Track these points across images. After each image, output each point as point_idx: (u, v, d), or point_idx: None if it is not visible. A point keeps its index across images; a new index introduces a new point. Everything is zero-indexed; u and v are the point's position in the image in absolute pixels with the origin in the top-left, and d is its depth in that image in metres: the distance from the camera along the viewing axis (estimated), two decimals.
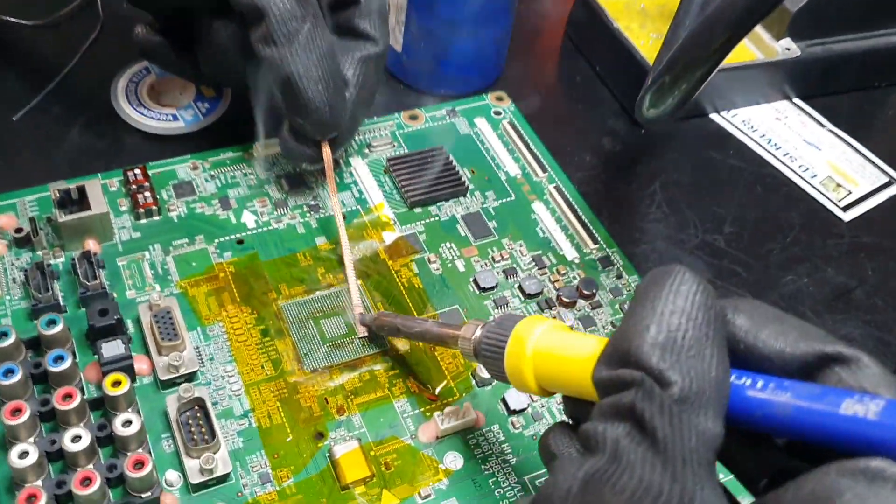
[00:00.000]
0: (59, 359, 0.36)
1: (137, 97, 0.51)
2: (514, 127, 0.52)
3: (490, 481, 0.37)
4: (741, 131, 0.56)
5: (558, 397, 0.40)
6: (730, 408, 0.24)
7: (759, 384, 0.24)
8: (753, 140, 0.55)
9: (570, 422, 0.29)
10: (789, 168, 0.54)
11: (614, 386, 0.24)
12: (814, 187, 0.53)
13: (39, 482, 0.34)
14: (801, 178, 0.54)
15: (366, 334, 0.41)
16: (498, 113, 0.54)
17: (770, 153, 0.55)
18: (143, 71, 0.52)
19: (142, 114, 0.50)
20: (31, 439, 0.35)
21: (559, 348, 0.29)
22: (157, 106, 0.50)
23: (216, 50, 0.43)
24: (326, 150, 0.44)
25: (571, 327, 0.31)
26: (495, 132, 0.52)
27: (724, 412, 0.23)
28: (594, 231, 0.47)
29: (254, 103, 0.44)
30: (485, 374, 0.40)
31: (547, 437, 0.29)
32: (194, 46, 0.45)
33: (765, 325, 0.25)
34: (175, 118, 0.50)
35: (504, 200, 0.49)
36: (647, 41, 0.56)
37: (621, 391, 0.24)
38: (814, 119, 0.58)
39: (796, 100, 0.59)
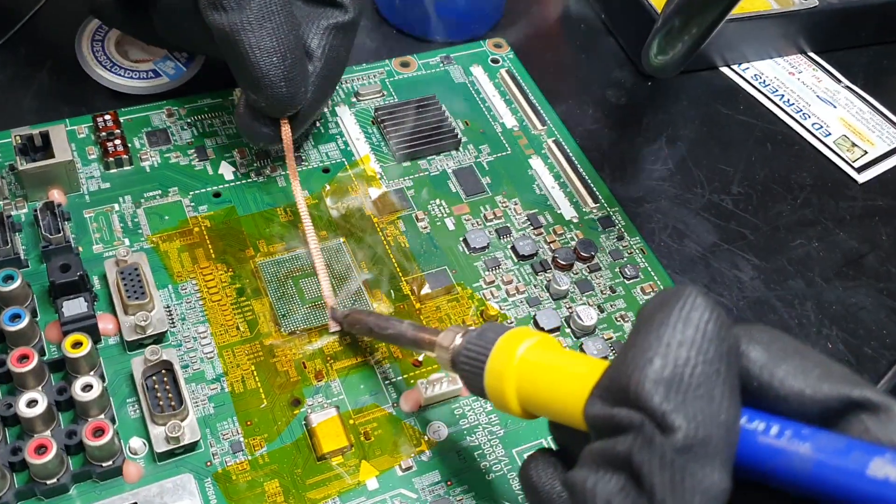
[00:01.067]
0: (16, 317, 0.34)
1: (107, 55, 0.47)
2: (512, 76, 0.49)
3: (476, 453, 0.35)
4: (752, 86, 0.53)
5: None
6: (738, 455, 0.21)
7: (774, 430, 0.21)
8: (765, 95, 0.53)
9: (556, 448, 0.27)
10: (802, 125, 0.51)
11: (609, 427, 0.21)
12: (827, 146, 0.50)
13: None
14: (814, 136, 0.51)
15: (337, 329, 0.38)
16: (495, 61, 0.51)
17: (782, 109, 0.52)
18: (103, 28, 0.48)
19: (119, 74, 0.46)
20: None
21: (547, 370, 0.26)
22: (130, 62, 0.47)
23: (169, 12, 0.39)
24: (286, 130, 0.40)
25: (560, 345, 0.27)
26: (492, 81, 0.49)
27: (733, 461, 0.21)
28: (595, 189, 0.45)
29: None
30: None
31: (528, 468, 0.26)
32: (149, 7, 0.40)
33: (783, 361, 0.22)
34: (156, 74, 0.46)
35: (499, 155, 0.46)
36: None
37: (617, 434, 0.21)
38: (829, 74, 0.55)
39: (811, 53, 0.56)
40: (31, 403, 0.32)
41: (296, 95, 0.38)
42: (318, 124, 0.45)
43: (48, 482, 0.31)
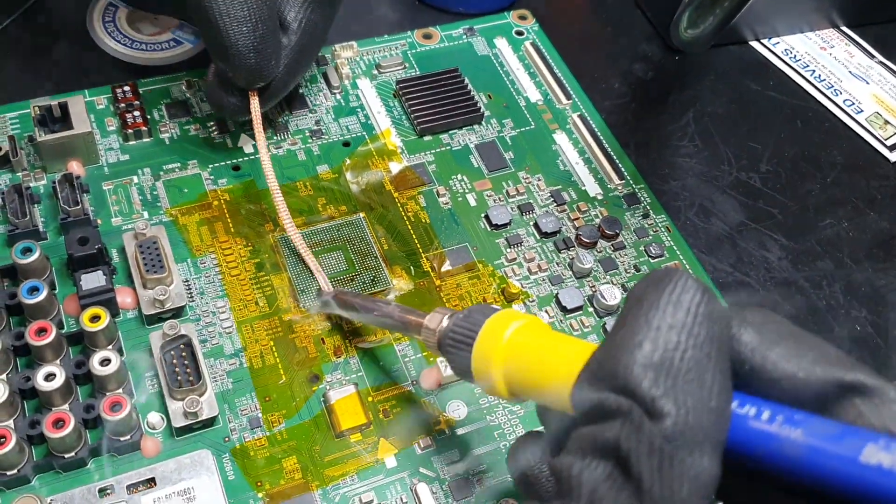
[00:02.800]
0: (34, 290, 0.33)
1: (121, 32, 0.46)
2: (536, 49, 0.48)
3: (495, 433, 0.34)
4: (783, 61, 0.52)
5: None
6: (728, 440, 0.20)
7: (766, 415, 0.20)
8: (795, 70, 0.52)
9: (543, 430, 0.26)
10: (833, 102, 0.50)
11: (597, 412, 0.21)
12: (859, 124, 0.49)
13: (10, 422, 0.31)
14: (846, 113, 0.50)
15: (320, 310, 0.37)
16: (520, 33, 0.50)
17: (813, 85, 0.51)
18: (112, 6, 0.47)
19: (141, 49, 0.45)
20: (4, 376, 0.32)
21: (535, 352, 0.25)
22: (147, 36, 0.46)
23: None
24: (254, 102, 0.38)
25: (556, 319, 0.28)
26: (516, 54, 0.48)
27: (723, 448, 0.20)
28: (620, 165, 0.44)
29: None
30: None
31: (516, 451, 0.26)
32: None
33: (776, 343, 0.21)
34: (177, 42, 0.46)
35: (522, 129, 0.45)
36: None
37: (605, 420, 0.20)
38: (862, 49, 0.53)
39: (844, 27, 0.55)
40: (49, 377, 0.31)
41: (265, 68, 0.37)
42: (338, 96, 0.45)
43: (66, 456, 0.31)
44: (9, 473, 0.30)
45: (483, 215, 0.41)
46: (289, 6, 0.37)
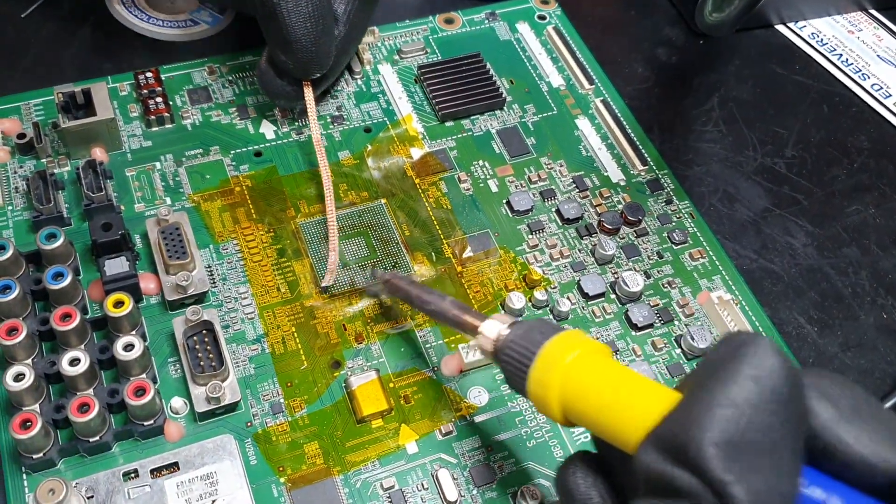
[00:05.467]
0: (59, 275, 0.34)
1: (140, 10, 0.46)
2: (559, 33, 0.48)
3: (517, 420, 0.34)
4: (809, 45, 0.51)
5: None
6: None
7: (833, 502, 0.19)
8: (822, 55, 0.51)
9: (595, 451, 0.26)
10: (860, 86, 0.49)
11: (664, 486, 0.20)
12: (887, 108, 0.49)
13: (36, 406, 0.32)
14: (874, 97, 0.49)
15: (330, 283, 0.37)
16: (542, 17, 0.49)
17: (840, 69, 0.50)
18: None
19: (158, 24, 0.46)
20: (30, 360, 0.33)
21: (599, 388, 0.24)
22: (163, 15, 0.46)
23: None
24: (309, 91, 0.40)
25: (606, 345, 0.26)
26: (538, 39, 0.48)
27: None
28: (643, 151, 0.43)
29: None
30: (516, 305, 0.37)
31: (566, 472, 0.25)
32: None
33: (850, 422, 0.20)
34: (194, 23, 0.46)
35: (545, 115, 0.45)
36: None
37: (671, 497, 0.20)
38: (891, 32, 0.53)
39: (873, 11, 0.54)
40: (74, 362, 0.32)
41: (324, 60, 0.38)
42: (360, 82, 0.45)
43: (91, 440, 0.31)
44: (35, 457, 0.31)
45: (505, 201, 0.41)
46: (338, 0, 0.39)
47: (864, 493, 0.20)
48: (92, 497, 0.31)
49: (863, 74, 0.50)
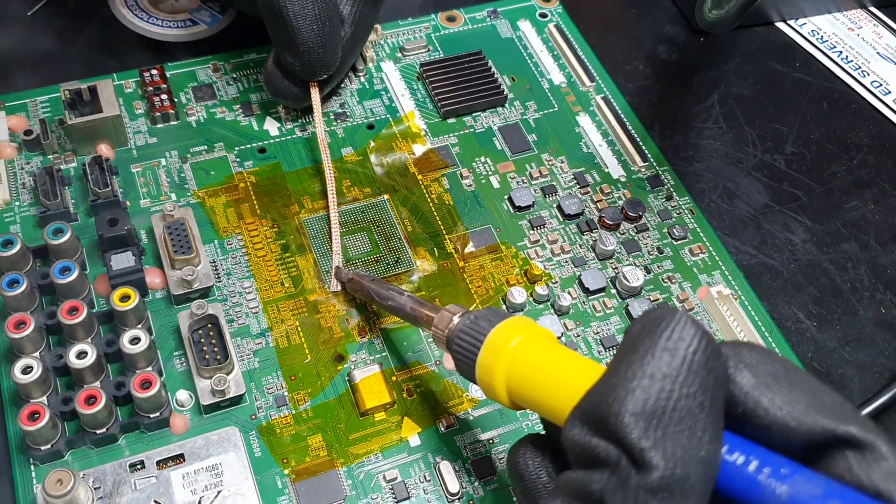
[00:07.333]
0: (66, 270, 0.34)
1: (141, 8, 0.47)
2: (560, 31, 0.48)
3: (518, 413, 0.35)
4: (809, 42, 0.52)
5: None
6: (714, 487, 0.20)
7: (753, 465, 0.20)
8: (822, 52, 0.51)
9: (544, 433, 0.27)
10: (860, 83, 0.50)
11: (586, 457, 0.21)
12: (886, 105, 0.49)
13: (44, 399, 0.32)
14: (873, 94, 0.49)
15: (337, 289, 0.37)
16: (544, 15, 0.50)
17: (840, 66, 0.50)
18: None
19: (157, 24, 0.46)
20: (38, 353, 0.33)
21: (537, 369, 0.25)
22: (165, 14, 0.47)
23: None
24: (315, 92, 0.40)
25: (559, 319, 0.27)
26: (540, 36, 0.48)
27: (709, 497, 0.20)
28: (643, 147, 0.44)
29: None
30: (517, 300, 0.37)
31: (515, 455, 0.26)
32: None
33: (770, 388, 0.21)
34: (193, 23, 0.46)
35: (546, 111, 0.45)
36: None
37: (593, 467, 0.21)
38: (891, 30, 0.53)
39: (872, 8, 0.54)
40: (81, 355, 0.32)
41: (330, 61, 0.39)
42: (362, 79, 0.45)
43: (98, 432, 0.32)
44: (42, 448, 0.31)
45: (506, 197, 0.41)
46: (344, 1, 0.39)
47: (783, 455, 0.20)
48: (99, 488, 0.31)
49: (862, 71, 0.50)
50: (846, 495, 0.19)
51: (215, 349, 0.34)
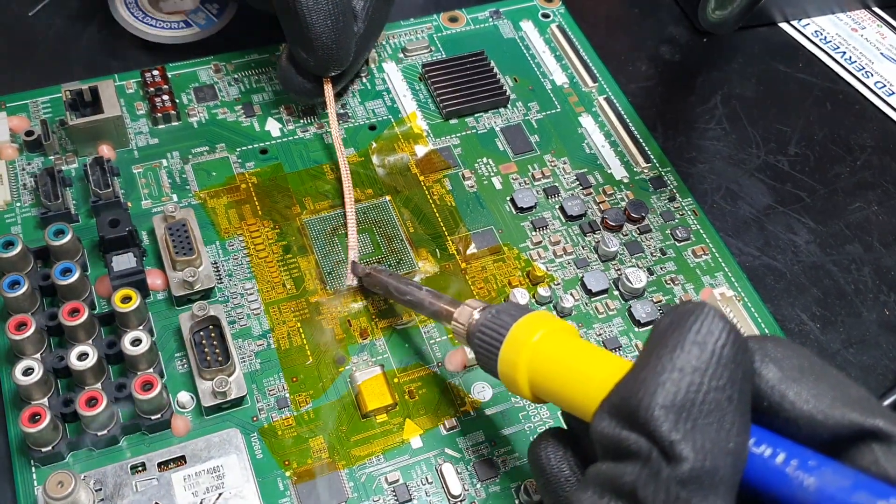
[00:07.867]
0: (67, 271, 0.34)
1: (140, 8, 0.47)
2: (563, 31, 0.48)
3: (520, 414, 0.35)
4: (812, 42, 0.51)
5: None
6: (742, 478, 0.20)
7: (780, 458, 0.20)
8: (825, 52, 0.51)
9: (566, 427, 0.27)
10: (864, 84, 0.50)
11: (616, 449, 0.21)
12: (890, 106, 0.49)
13: (45, 400, 0.32)
14: (877, 95, 0.49)
15: (354, 283, 0.37)
16: (546, 16, 0.49)
17: (843, 67, 0.50)
18: None
19: (151, 25, 0.46)
20: (38, 355, 0.33)
21: (561, 362, 0.25)
22: (162, 14, 0.47)
23: None
24: (328, 88, 0.40)
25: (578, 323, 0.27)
26: (542, 37, 0.48)
27: (737, 488, 0.20)
28: (646, 148, 0.44)
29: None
30: (519, 301, 0.37)
31: (537, 448, 0.26)
32: None
33: (796, 381, 0.21)
34: (188, 24, 0.46)
35: (548, 112, 0.45)
36: None
37: (623, 459, 0.21)
38: (894, 30, 0.53)
39: (876, 9, 0.54)
40: (82, 356, 0.32)
41: (344, 57, 0.39)
42: (364, 80, 0.45)
43: (99, 433, 0.32)
44: (43, 450, 0.31)
45: (508, 198, 0.41)
46: None
47: (809, 448, 0.20)
48: (100, 490, 0.31)
49: (866, 72, 0.50)
50: (874, 487, 0.19)
51: (217, 351, 0.34)
